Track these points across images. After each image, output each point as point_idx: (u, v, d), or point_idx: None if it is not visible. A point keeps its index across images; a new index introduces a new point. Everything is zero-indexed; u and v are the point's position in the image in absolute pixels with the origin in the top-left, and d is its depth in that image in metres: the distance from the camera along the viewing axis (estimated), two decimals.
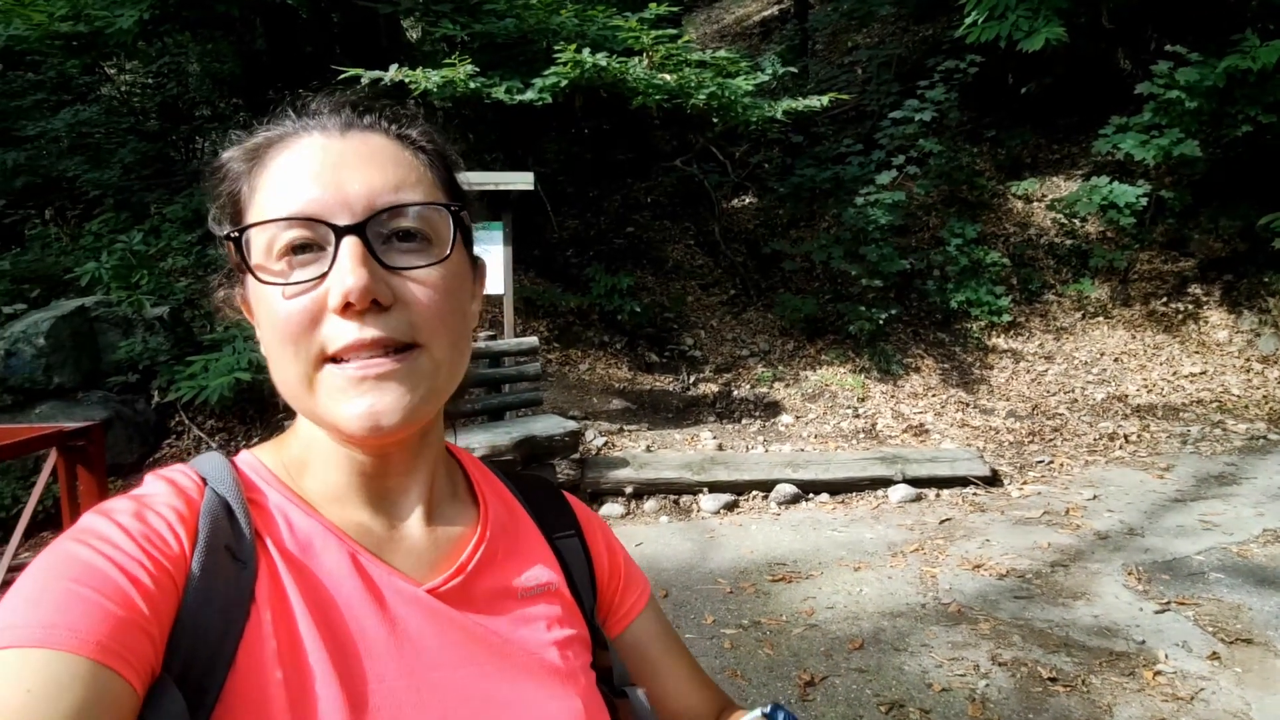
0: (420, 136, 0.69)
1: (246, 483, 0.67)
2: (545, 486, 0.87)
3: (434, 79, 6.10)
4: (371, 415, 0.60)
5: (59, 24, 6.53)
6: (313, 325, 0.60)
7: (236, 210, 0.66)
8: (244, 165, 0.66)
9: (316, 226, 0.60)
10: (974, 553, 4.48)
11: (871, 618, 3.78)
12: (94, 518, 0.58)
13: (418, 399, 0.62)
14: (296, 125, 0.66)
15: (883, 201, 7.79)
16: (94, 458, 4.73)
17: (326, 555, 0.64)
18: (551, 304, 7.95)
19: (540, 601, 0.74)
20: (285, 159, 0.64)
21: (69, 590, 0.51)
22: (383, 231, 0.62)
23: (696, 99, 6.66)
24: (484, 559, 0.72)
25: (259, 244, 0.62)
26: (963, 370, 7.68)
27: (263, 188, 0.64)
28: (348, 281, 0.58)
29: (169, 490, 0.62)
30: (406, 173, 0.65)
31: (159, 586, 0.55)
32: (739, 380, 7.61)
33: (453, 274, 0.65)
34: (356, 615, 0.62)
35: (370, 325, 0.60)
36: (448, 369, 0.65)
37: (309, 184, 0.61)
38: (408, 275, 0.62)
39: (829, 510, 5.31)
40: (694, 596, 4.03)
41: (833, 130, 10.27)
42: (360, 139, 0.65)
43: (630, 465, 5.49)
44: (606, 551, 0.86)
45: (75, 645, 0.49)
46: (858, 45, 12.46)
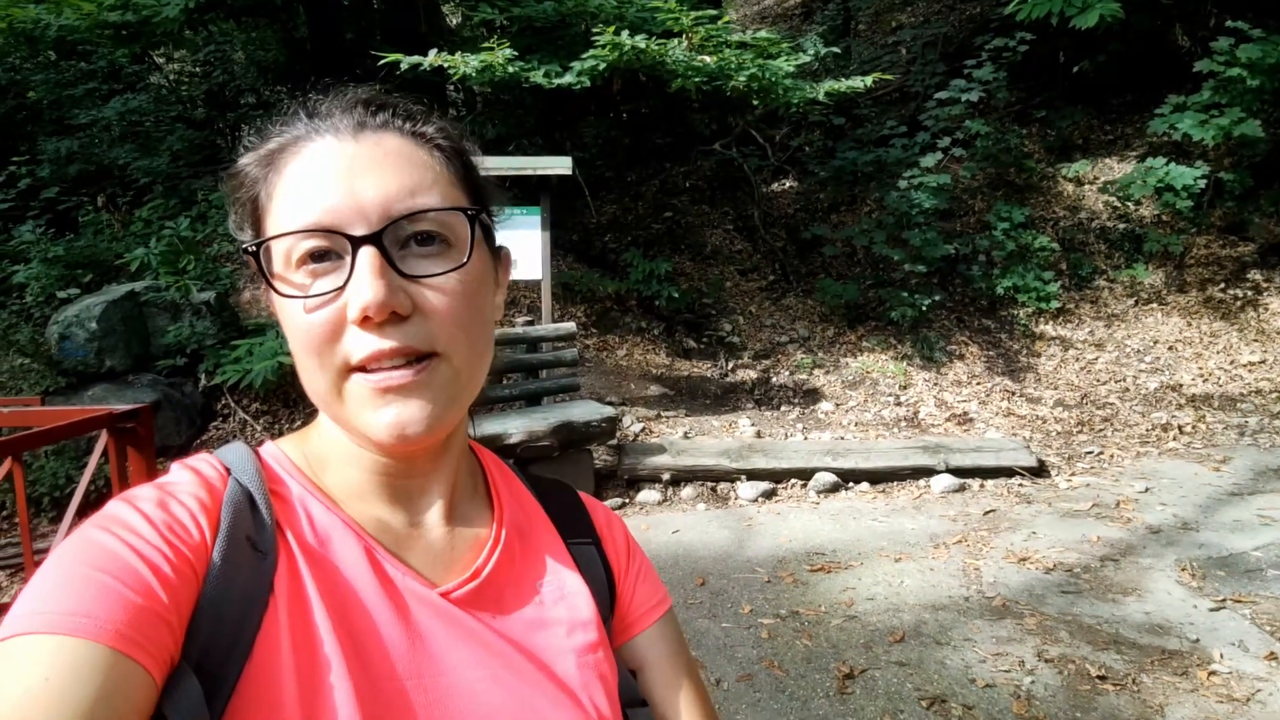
0: (436, 133, 0.68)
1: (269, 474, 0.67)
2: (564, 491, 0.86)
3: (473, 64, 6.09)
4: (398, 425, 0.61)
5: (108, 13, 6.64)
6: (335, 337, 0.60)
7: (256, 217, 0.66)
8: (260, 171, 0.65)
9: (333, 237, 0.60)
10: (1020, 545, 4.37)
11: (913, 610, 3.71)
12: (118, 505, 0.59)
13: (440, 408, 0.62)
14: (308, 128, 0.65)
15: (927, 185, 7.63)
16: (143, 439, 4.84)
17: (345, 550, 0.64)
18: (589, 289, 7.93)
19: (555, 607, 0.73)
20: (298, 166, 0.63)
21: (91, 577, 0.52)
22: (400, 236, 0.62)
23: (736, 81, 6.56)
24: (500, 562, 0.71)
25: (278, 253, 0.62)
26: (1009, 358, 7.51)
27: (278, 196, 0.63)
28: (365, 295, 0.58)
29: (193, 479, 0.63)
30: (422, 174, 0.64)
31: (179, 575, 0.55)
32: (778, 367, 7.53)
33: (472, 277, 0.65)
34: (371, 612, 0.62)
35: (390, 335, 0.59)
36: (468, 375, 0.65)
37: (323, 193, 0.61)
38: (426, 283, 0.62)
39: (869, 500, 5.23)
40: (731, 585, 4.00)
41: (876, 112, 10.07)
42: (373, 141, 0.64)
43: (668, 452, 5.46)
44: (626, 556, 0.84)
45: (95, 633, 0.49)
46: (902, 25, 12.20)
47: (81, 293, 6.61)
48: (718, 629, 3.57)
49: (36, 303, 6.67)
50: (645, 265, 7.81)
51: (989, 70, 8.11)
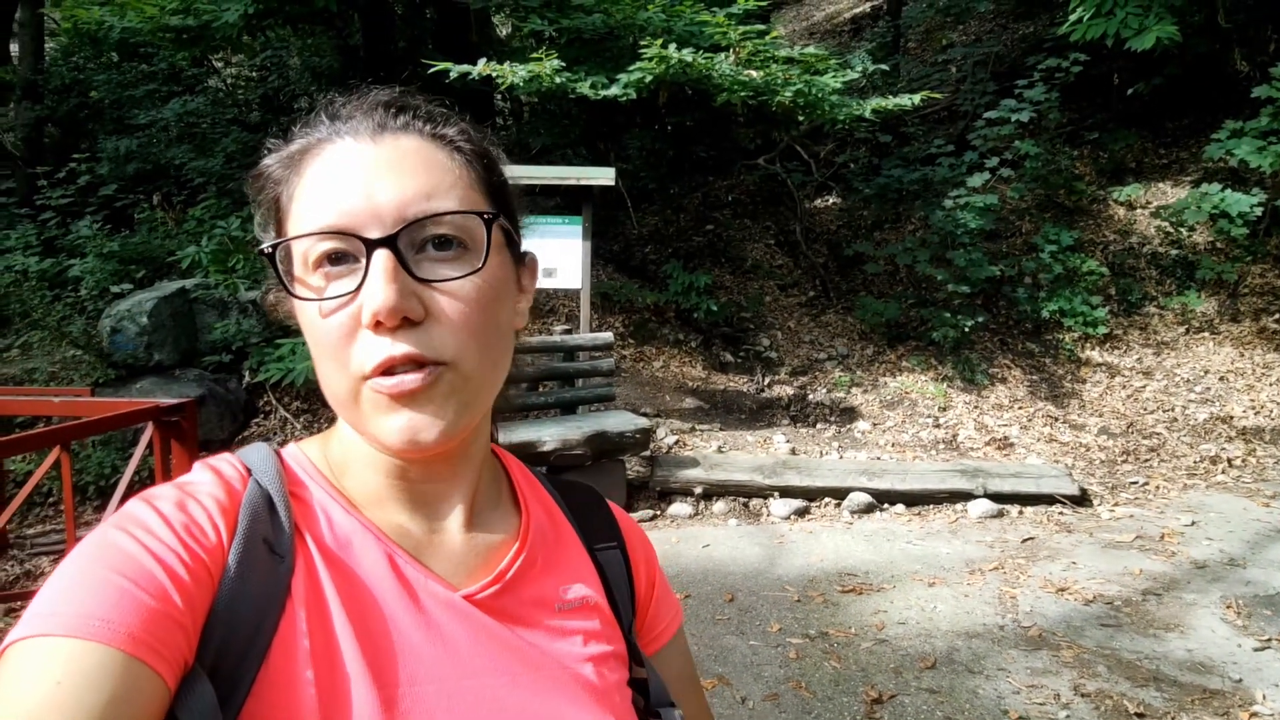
0: (457, 135, 0.67)
1: (290, 476, 0.67)
2: (589, 494, 0.85)
3: (520, 74, 6.15)
4: (410, 431, 0.60)
5: (169, 17, 6.82)
6: (350, 340, 0.60)
7: (277, 218, 0.66)
8: (283, 172, 0.66)
9: (348, 239, 0.60)
10: (1058, 575, 4.27)
11: (945, 636, 3.64)
12: (137, 504, 0.59)
13: (453, 415, 0.62)
14: (329, 130, 0.65)
15: (973, 205, 7.53)
16: (187, 433, 4.94)
17: (365, 554, 0.64)
18: (628, 300, 7.94)
19: (578, 615, 0.72)
20: (317, 168, 0.63)
21: (106, 580, 0.52)
22: (417, 239, 0.61)
23: (782, 96, 6.55)
24: (523, 568, 0.70)
25: (296, 255, 0.63)
26: (1053, 383, 7.36)
27: (298, 198, 0.63)
28: (376, 300, 0.58)
29: (213, 480, 0.63)
30: (441, 176, 0.63)
31: (194, 578, 0.55)
32: (815, 384, 7.47)
33: (488, 283, 0.64)
34: (392, 616, 0.62)
35: (401, 340, 0.59)
36: (478, 382, 0.64)
37: (340, 195, 0.61)
38: (440, 288, 0.61)
39: (904, 522, 5.15)
40: (760, 603, 3.96)
41: (923, 130, 9.98)
42: (393, 143, 0.63)
43: (700, 465, 5.44)
44: (645, 567, 0.84)
45: (108, 637, 0.49)
46: (953, 43, 12.09)
47: (134, 288, 6.79)
48: (745, 646, 3.54)
49: (91, 296, 6.87)
50: (684, 277, 7.80)
51: (1041, 90, 7.99)
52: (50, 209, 7.75)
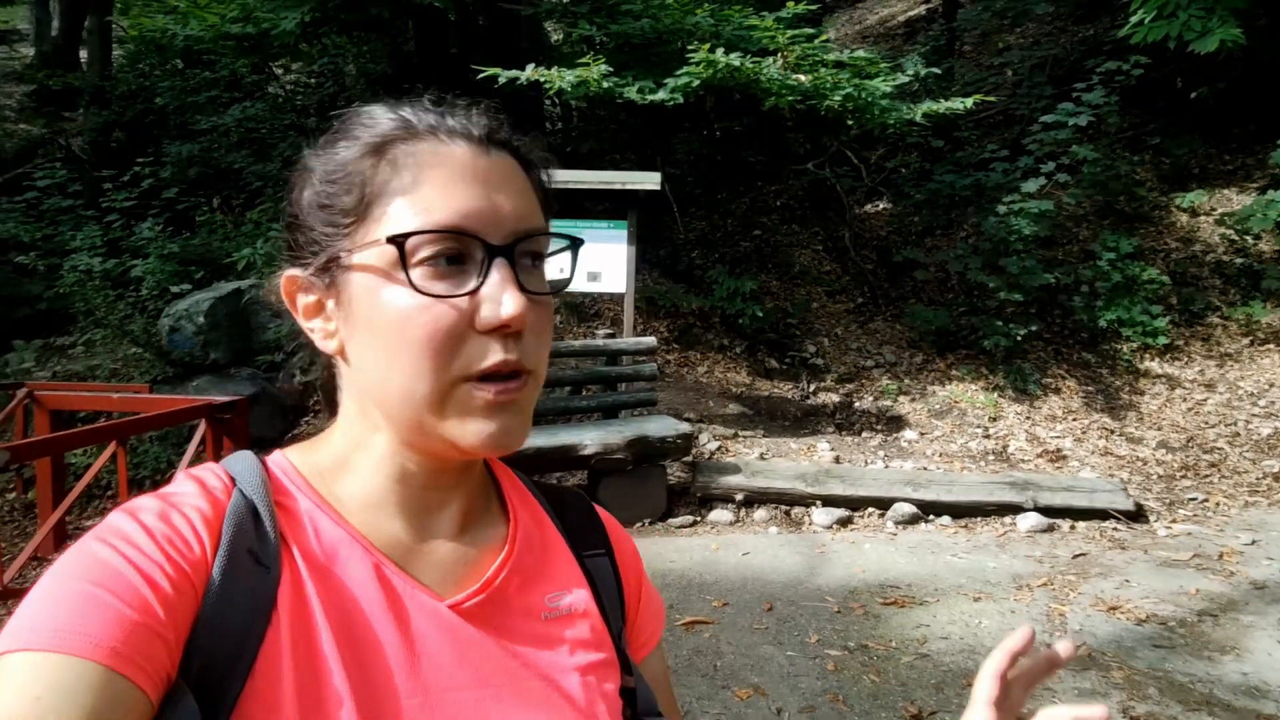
0: (540, 164, 0.71)
1: (276, 485, 0.66)
2: (578, 501, 0.85)
3: (568, 78, 6.19)
4: (503, 434, 0.62)
5: (230, 25, 7.03)
6: (458, 341, 0.60)
7: (357, 206, 0.63)
8: (368, 160, 0.64)
9: (470, 242, 0.61)
10: (1110, 593, 4.14)
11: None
12: (119, 516, 0.58)
13: (528, 422, 0.65)
14: (439, 127, 0.65)
15: (1028, 211, 7.35)
16: (238, 430, 5.07)
17: (351, 564, 0.63)
18: (673, 305, 7.93)
19: (565, 624, 0.72)
20: (434, 164, 0.63)
21: (87, 593, 0.51)
22: (521, 253, 0.64)
23: (831, 100, 6.48)
24: (510, 576, 0.70)
25: (390, 248, 0.61)
26: (1109, 394, 7.15)
27: (406, 189, 0.62)
28: (510, 307, 0.60)
29: (196, 490, 0.62)
30: (531, 197, 0.67)
31: (177, 590, 0.54)
32: (862, 391, 7.37)
33: (554, 301, 0.69)
34: (377, 628, 0.62)
35: (511, 349, 0.61)
36: (540, 390, 0.68)
37: (464, 195, 0.62)
38: (535, 300, 0.64)
39: (950, 534, 5.05)
40: (799, 613, 3.91)
41: (977, 135, 9.79)
42: (500, 157, 0.66)
43: (742, 472, 5.40)
44: (634, 574, 0.84)
45: (88, 651, 0.49)
46: (1010, 46, 11.85)
47: (193, 288, 6.99)
48: (782, 656, 3.50)
49: (151, 296, 7.09)
50: (730, 283, 7.76)
51: (1100, 94, 7.78)
52: (115, 211, 8.02)
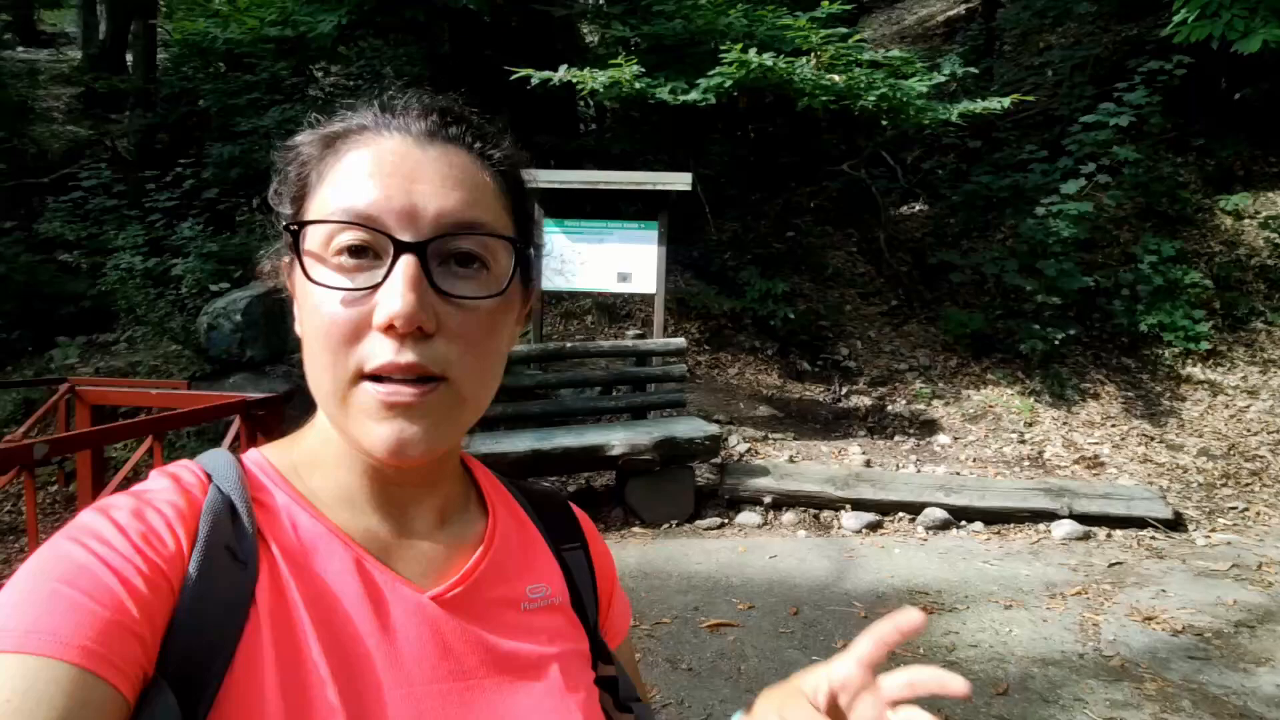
0: (502, 159, 0.67)
1: (253, 481, 0.65)
2: (554, 499, 0.86)
3: (600, 79, 6.20)
4: (397, 443, 0.59)
5: (269, 28, 7.15)
6: (355, 337, 0.59)
7: (301, 193, 0.65)
8: (316, 150, 0.65)
9: (379, 236, 0.59)
10: (1146, 603, 4.05)
11: (1020, 662, 3.49)
12: (91, 515, 0.57)
13: (442, 431, 0.62)
14: (379, 121, 0.64)
15: (1067, 212, 7.22)
16: (272, 426, 5.13)
17: (331, 558, 0.63)
18: (704, 306, 7.91)
19: (544, 614, 0.72)
20: (360, 155, 0.62)
21: (56, 592, 0.51)
22: (443, 251, 0.61)
23: (866, 100, 6.41)
24: (489, 568, 0.71)
25: (317, 237, 0.61)
26: (1149, 400, 6.99)
27: (331, 179, 0.63)
28: (395, 305, 0.57)
29: (171, 486, 0.61)
30: (480, 195, 0.63)
31: (151, 587, 0.53)
32: (894, 395, 7.28)
33: (500, 307, 0.64)
34: (358, 621, 0.61)
35: (408, 350, 0.58)
36: (472, 402, 0.64)
37: (379, 187, 0.60)
38: (456, 304, 0.61)
39: (982, 540, 4.97)
40: (825, 617, 3.87)
41: (1015, 136, 9.62)
42: (440, 151, 0.63)
43: (771, 474, 5.36)
44: (608, 569, 0.85)
45: (59, 651, 0.48)
46: (1050, 45, 11.64)
47: (231, 287, 7.12)
48: (807, 661, 3.46)
49: (190, 294, 7.23)
50: (762, 284, 7.71)
51: (1142, 94, 7.61)
52: (157, 211, 8.20)
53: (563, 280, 6.14)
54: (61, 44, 16.42)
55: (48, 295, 8.03)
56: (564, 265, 6.09)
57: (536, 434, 5.20)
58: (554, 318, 7.78)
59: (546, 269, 6.06)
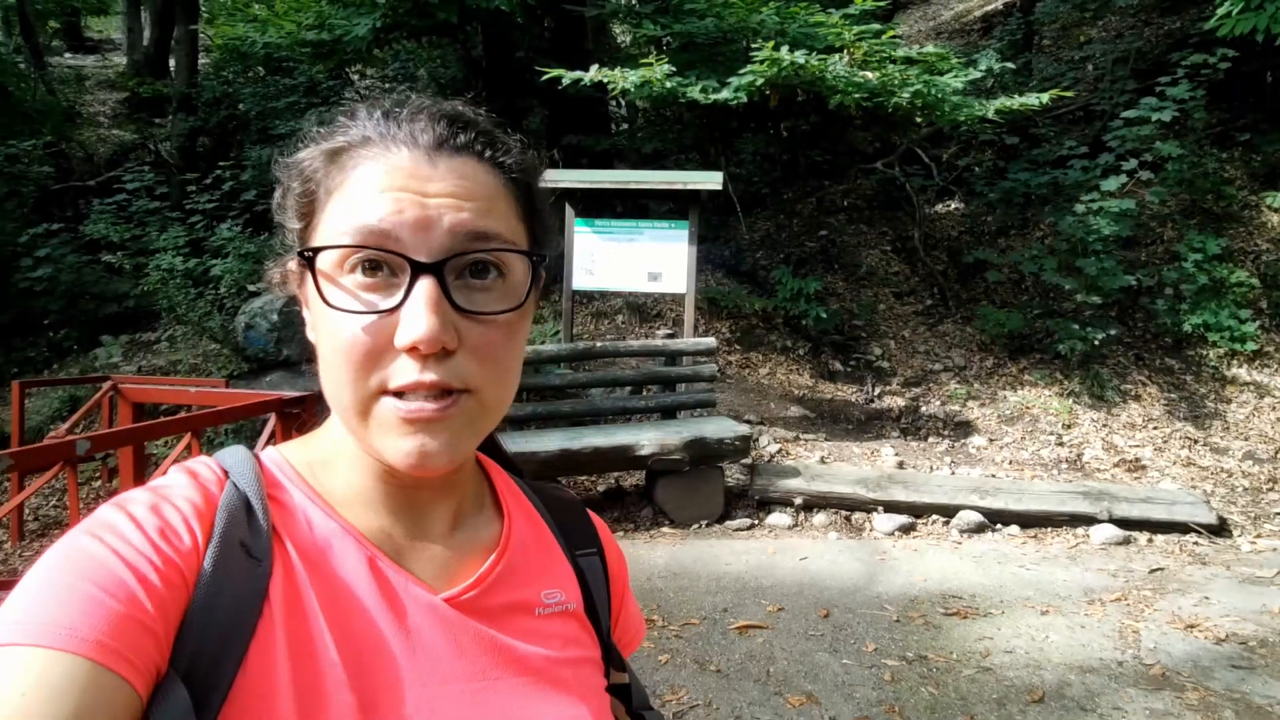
0: (514, 166, 0.66)
1: (269, 479, 0.66)
2: (569, 501, 0.85)
3: (631, 79, 6.20)
4: (420, 455, 0.60)
5: (305, 32, 7.25)
6: (377, 357, 0.59)
7: (308, 209, 0.65)
8: (322, 165, 0.64)
9: (395, 258, 0.59)
10: (1188, 610, 3.94)
11: (1056, 669, 3.42)
12: (109, 510, 0.58)
13: (464, 441, 0.62)
14: (385, 132, 0.63)
15: (1108, 210, 7.06)
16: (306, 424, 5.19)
17: (345, 557, 0.63)
18: (736, 305, 7.87)
19: (557, 620, 0.72)
20: (368, 171, 0.61)
21: (74, 586, 0.51)
22: (458, 265, 0.60)
23: (899, 97, 6.34)
24: (504, 571, 0.70)
25: (330, 254, 0.61)
26: (1193, 402, 6.82)
27: (339, 195, 0.62)
28: (420, 329, 0.57)
29: (188, 482, 0.62)
30: (492, 205, 0.62)
31: (166, 583, 0.54)
32: (928, 396, 7.19)
33: (520, 317, 0.64)
34: (372, 620, 0.61)
35: (431, 369, 0.58)
36: (494, 410, 0.64)
37: (390, 205, 0.59)
38: (476, 319, 0.61)
39: (1018, 544, 4.88)
40: (856, 620, 3.83)
41: (1055, 132, 9.44)
42: (449, 163, 0.62)
43: (802, 475, 5.32)
44: (622, 577, 0.85)
45: (74, 645, 0.48)
46: (1091, 40, 11.41)
47: (268, 287, 7.24)
48: (837, 664, 3.43)
49: (229, 294, 7.35)
50: (794, 283, 7.65)
51: (1185, 88, 7.42)
52: (198, 213, 8.35)
53: (593, 280, 6.14)
54: (107, 50, 16.82)
55: (94, 295, 8.23)
56: (594, 265, 6.09)
57: (566, 433, 5.21)
58: (584, 317, 7.79)
59: (576, 268, 6.09)
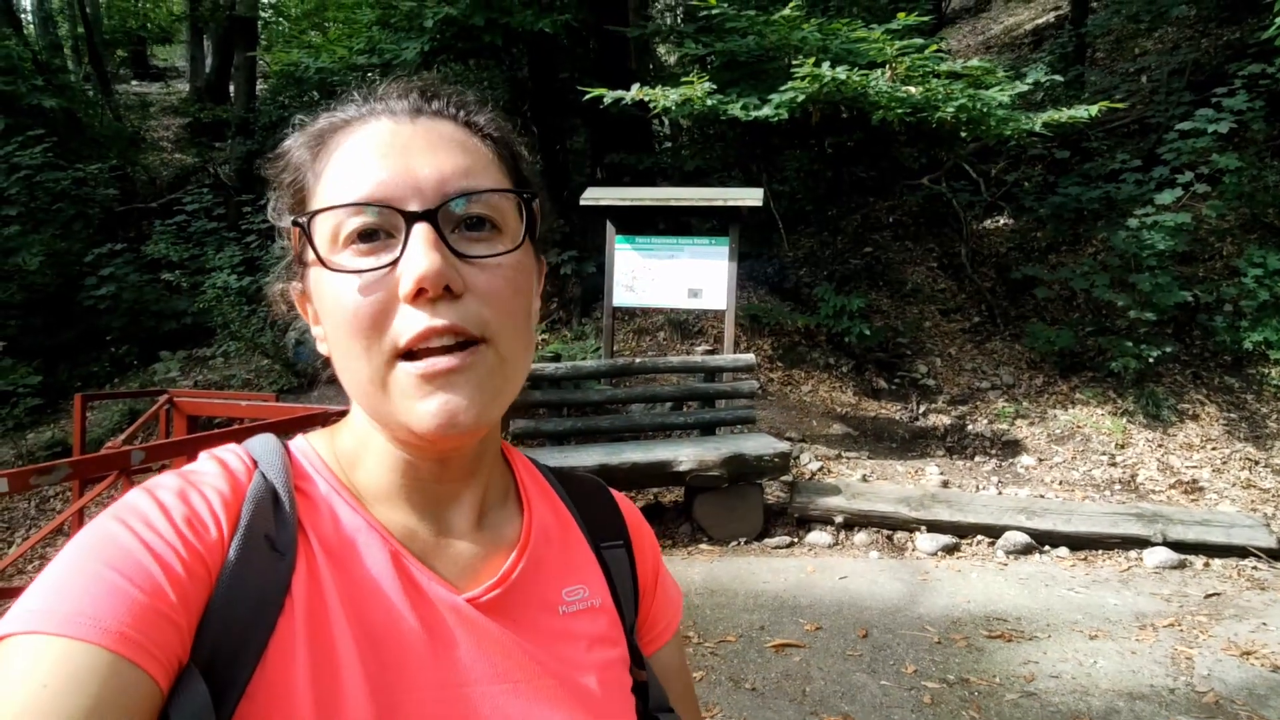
0: (488, 124, 0.67)
1: (297, 470, 0.66)
2: (597, 491, 0.83)
3: (672, 97, 6.24)
4: (446, 413, 0.58)
5: (357, 57, 7.47)
6: (384, 317, 0.58)
7: (300, 198, 0.65)
8: (308, 153, 0.65)
9: (386, 212, 0.59)
10: (1245, 636, 3.79)
11: (1104, 695, 3.31)
12: (138, 495, 0.58)
13: (488, 398, 0.60)
14: (363, 109, 0.65)
15: (1163, 224, 6.88)
16: None
17: (369, 553, 0.62)
18: (777, 322, 7.83)
19: (582, 619, 0.70)
20: (351, 143, 0.62)
21: (99, 575, 0.51)
22: (452, 218, 0.60)
23: (944, 112, 6.27)
24: (526, 570, 0.69)
25: (324, 232, 0.60)
26: (1254, 422, 6.58)
27: (328, 173, 0.62)
28: (421, 265, 0.56)
29: (218, 471, 0.62)
30: (475, 159, 0.63)
31: (190, 574, 0.54)
32: (975, 414, 7.05)
33: (521, 266, 0.63)
34: (394, 618, 0.61)
35: (441, 313, 0.57)
36: (513, 366, 0.62)
37: (377, 168, 0.60)
38: (478, 263, 0.60)
39: (1067, 567, 4.75)
40: (896, 641, 3.76)
41: (1107, 145, 9.25)
42: (428, 124, 0.63)
43: (843, 494, 5.25)
44: (651, 564, 0.82)
45: (97, 636, 0.48)
46: (1145, 51, 11.18)
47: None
48: (875, 686, 3.37)
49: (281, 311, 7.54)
50: (836, 300, 7.59)
51: (1242, 99, 7.22)
52: (253, 233, 8.61)
53: (634, 297, 6.17)
54: (171, 77, 17.48)
55: (154, 313, 8.53)
56: (635, 281, 6.12)
57: (605, 449, 5.22)
58: (626, 334, 7.82)
59: (617, 285, 6.12)
